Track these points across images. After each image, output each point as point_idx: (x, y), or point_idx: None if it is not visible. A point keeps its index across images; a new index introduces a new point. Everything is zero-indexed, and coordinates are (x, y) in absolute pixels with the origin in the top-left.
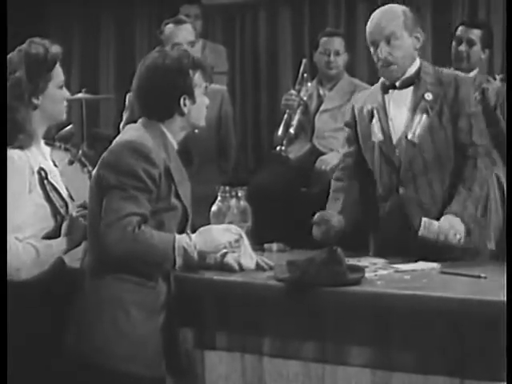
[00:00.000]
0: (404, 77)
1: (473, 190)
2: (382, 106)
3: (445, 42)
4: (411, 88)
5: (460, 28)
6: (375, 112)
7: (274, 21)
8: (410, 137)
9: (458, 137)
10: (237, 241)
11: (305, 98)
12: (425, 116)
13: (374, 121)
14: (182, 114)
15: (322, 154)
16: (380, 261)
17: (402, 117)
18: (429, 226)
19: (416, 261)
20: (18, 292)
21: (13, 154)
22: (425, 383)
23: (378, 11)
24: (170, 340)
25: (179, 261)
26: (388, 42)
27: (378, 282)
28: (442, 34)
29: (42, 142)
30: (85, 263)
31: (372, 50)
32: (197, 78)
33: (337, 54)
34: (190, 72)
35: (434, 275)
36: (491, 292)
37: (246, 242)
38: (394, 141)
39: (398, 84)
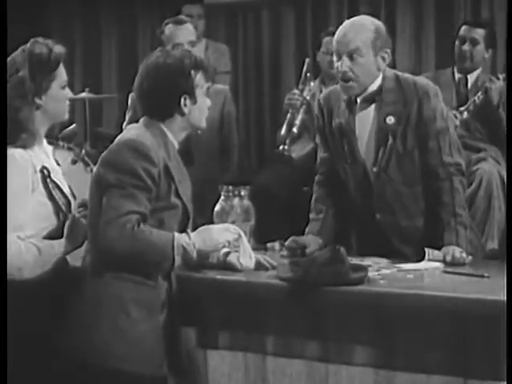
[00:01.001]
0: (365, 93)
1: (457, 215)
2: (350, 126)
3: (448, 42)
4: (373, 108)
5: (463, 27)
6: (344, 131)
7: (277, 20)
8: (376, 169)
9: (427, 158)
10: (236, 240)
11: (308, 98)
12: (389, 144)
13: (344, 142)
14: (183, 114)
15: None
16: (383, 260)
17: (367, 143)
18: (432, 253)
19: (419, 260)
20: (20, 291)
21: (14, 153)
22: (428, 383)
23: (349, 21)
24: (171, 339)
25: (178, 260)
26: (351, 56)
27: (381, 282)
28: (445, 34)
29: (45, 140)
30: (85, 262)
31: (334, 59)
32: (198, 78)
33: None
34: (192, 72)
35: (437, 274)
36: (494, 291)
37: (245, 241)
38: (363, 168)
39: (359, 100)
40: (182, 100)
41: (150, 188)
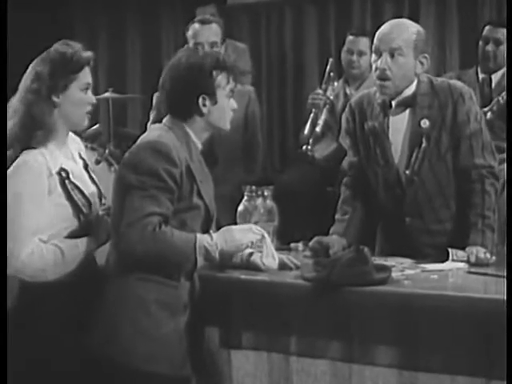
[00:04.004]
0: (400, 97)
1: (485, 217)
2: (384, 129)
3: (472, 42)
4: (408, 112)
5: (487, 27)
6: (377, 134)
7: (300, 20)
8: (409, 173)
9: (460, 160)
10: (259, 241)
11: (331, 98)
12: (423, 147)
13: (377, 145)
14: (201, 114)
15: None
16: (407, 260)
17: (400, 147)
18: (456, 253)
19: (443, 261)
20: (46, 292)
21: (28, 156)
22: (451, 383)
23: (392, 21)
24: (194, 340)
25: (201, 261)
26: (392, 55)
27: (405, 282)
28: (468, 34)
29: (73, 140)
30: (109, 262)
31: (373, 57)
32: (220, 79)
33: (360, 54)
34: (213, 72)
35: (461, 275)
36: None
37: (268, 241)
38: (396, 172)
39: (394, 104)
40: (201, 100)
41: (172, 189)
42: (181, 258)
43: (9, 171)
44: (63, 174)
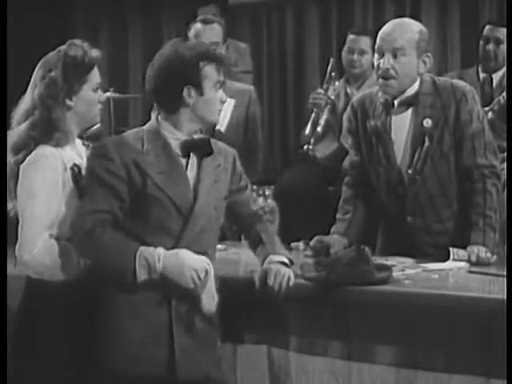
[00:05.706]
0: (403, 97)
1: (487, 216)
2: (386, 129)
3: (473, 41)
4: (410, 112)
5: (487, 27)
6: (379, 134)
7: (302, 19)
8: (411, 172)
9: (462, 160)
10: (203, 274)
11: (332, 97)
12: (425, 147)
13: (379, 145)
14: (187, 105)
15: None
16: (408, 260)
17: (403, 146)
18: (457, 252)
19: (444, 260)
20: (52, 292)
21: (45, 150)
22: (449, 382)
23: (394, 20)
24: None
25: (142, 273)
26: (395, 55)
27: (406, 281)
28: (469, 33)
29: (79, 142)
30: None
31: (376, 56)
32: (208, 69)
33: (361, 53)
34: (200, 63)
35: (462, 275)
36: None
37: (211, 280)
38: (398, 171)
39: (396, 103)
40: (186, 91)
41: (113, 185)
42: (117, 264)
43: (24, 164)
44: (75, 170)
